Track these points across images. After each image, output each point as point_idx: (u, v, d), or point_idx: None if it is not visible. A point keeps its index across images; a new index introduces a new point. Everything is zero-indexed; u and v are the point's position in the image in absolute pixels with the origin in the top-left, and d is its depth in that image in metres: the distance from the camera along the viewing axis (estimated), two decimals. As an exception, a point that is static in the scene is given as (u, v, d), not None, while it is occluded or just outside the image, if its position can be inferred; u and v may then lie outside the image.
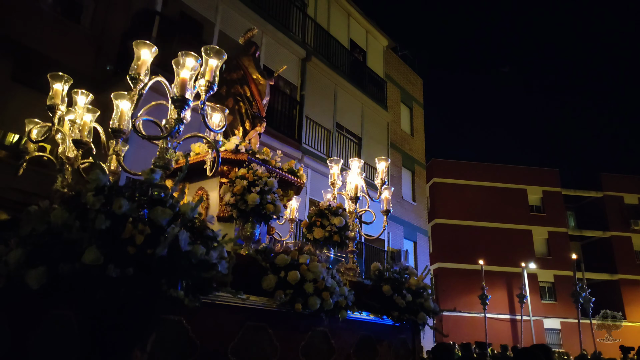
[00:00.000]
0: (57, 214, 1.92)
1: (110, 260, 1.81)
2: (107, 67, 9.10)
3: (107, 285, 1.82)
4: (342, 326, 3.16)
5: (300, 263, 2.91)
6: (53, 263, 1.86)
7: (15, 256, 1.94)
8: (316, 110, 12.52)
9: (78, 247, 1.83)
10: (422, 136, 20.43)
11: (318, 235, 3.91)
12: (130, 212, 1.94)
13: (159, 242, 1.89)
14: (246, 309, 2.61)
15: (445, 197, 30.81)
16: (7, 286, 2.06)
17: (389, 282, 3.77)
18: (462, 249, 28.75)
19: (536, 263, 28.57)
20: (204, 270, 2.05)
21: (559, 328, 28.36)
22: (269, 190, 3.46)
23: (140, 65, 2.92)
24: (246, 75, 4.36)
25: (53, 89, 3.41)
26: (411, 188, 18.67)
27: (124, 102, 3.05)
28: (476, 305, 27.92)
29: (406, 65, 20.31)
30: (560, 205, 31.66)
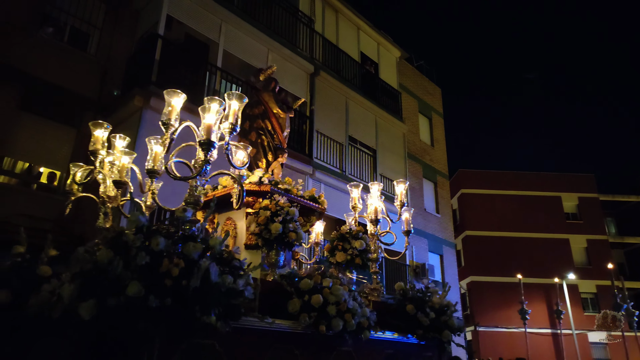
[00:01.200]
0: (102, 255, 2.17)
1: (150, 292, 2.06)
2: (115, 92, 9.28)
3: (148, 314, 2.06)
4: (367, 346, 3.26)
5: (323, 286, 3.05)
6: (101, 296, 2.10)
7: (69, 291, 2.21)
8: (327, 124, 12.39)
9: (122, 281, 2.09)
10: (443, 146, 19.96)
11: (340, 258, 4.13)
12: (166, 248, 2.20)
13: (192, 274, 2.14)
14: (273, 332, 2.74)
15: (475, 208, 29.91)
16: (63, 315, 2.35)
17: (413, 301, 3.82)
18: (496, 261, 27.71)
19: (576, 273, 27.19)
20: (233, 297, 2.30)
21: (605, 342, 26.67)
22: (290, 219, 3.66)
23: (171, 112, 3.24)
24: (267, 110, 4.69)
25: (94, 136, 3.74)
26: (434, 200, 18.16)
27: (156, 145, 3.36)
28: (514, 320, 26.71)
29: (423, 76, 20.04)
30: (598, 212, 30.18)
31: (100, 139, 3.68)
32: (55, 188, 8.29)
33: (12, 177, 8.12)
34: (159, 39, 8.86)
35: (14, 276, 2.94)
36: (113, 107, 8.87)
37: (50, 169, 8.39)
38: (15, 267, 3.02)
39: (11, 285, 2.88)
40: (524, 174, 31.48)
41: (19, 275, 2.97)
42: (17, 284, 2.91)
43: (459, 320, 3.98)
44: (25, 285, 2.90)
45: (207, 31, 10.08)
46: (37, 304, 2.68)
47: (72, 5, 9.13)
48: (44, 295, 2.65)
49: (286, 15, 12.07)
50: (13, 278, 2.92)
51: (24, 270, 3.01)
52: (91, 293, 2.13)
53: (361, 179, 12.90)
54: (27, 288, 2.86)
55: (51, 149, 8.37)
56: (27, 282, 2.92)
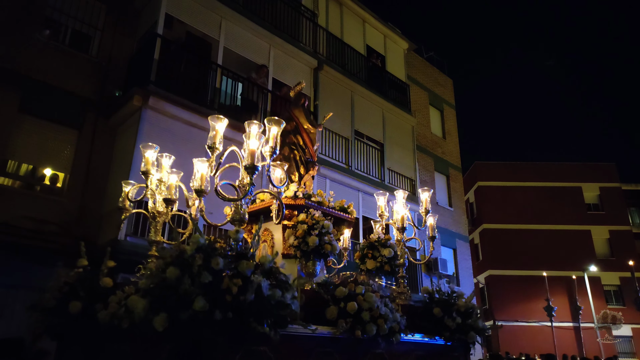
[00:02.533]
0: (171, 272, 2.44)
1: (213, 306, 2.36)
2: (116, 93, 9.33)
3: (212, 325, 2.38)
4: (398, 348, 3.52)
5: (356, 294, 3.30)
6: (171, 310, 2.39)
7: (141, 305, 2.50)
8: (332, 119, 12.21)
9: (188, 296, 2.37)
10: (456, 138, 19.60)
11: (370, 266, 4.36)
12: (225, 267, 2.49)
13: (247, 290, 2.44)
14: (315, 337, 3.03)
15: (493, 201, 29.35)
16: (131, 327, 2.69)
17: (439, 304, 4.04)
18: (515, 254, 27.16)
19: (598, 265, 26.48)
20: (281, 309, 2.59)
21: (630, 335, 25.93)
22: (326, 232, 3.90)
23: (215, 136, 3.53)
24: (298, 125, 4.91)
25: (145, 157, 4.07)
26: (446, 193, 17.86)
27: (203, 166, 3.64)
28: (534, 314, 26.18)
29: (433, 67, 19.69)
30: (621, 202, 29.31)
31: (149, 160, 4.01)
32: (59, 190, 8.37)
33: (15, 179, 8.22)
34: (158, 39, 8.86)
35: (81, 288, 3.31)
36: (114, 107, 8.92)
37: (54, 171, 8.47)
38: (81, 279, 3.37)
39: (79, 296, 3.25)
40: (542, 164, 30.76)
41: (85, 287, 3.34)
42: (84, 294, 3.28)
43: (483, 323, 4.22)
44: (90, 296, 3.27)
45: (206, 29, 10.05)
46: (108, 315, 2.99)
47: (73, 8, 9.19)
48: (112, 307, 2.99)
49: (288, 10, 11.95)
50: (80, 290, 3.30)
51: (88, 282, 3.37)
52: (161, 307, 2.43)
53: (368, 173, 12.74)
54: (93, 298, 3.24)
55: (54, 150, 8.45)
56: (92, 293, 3.29)
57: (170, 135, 8.68)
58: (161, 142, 8.40)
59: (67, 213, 8.08)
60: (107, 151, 8.83)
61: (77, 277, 3.41)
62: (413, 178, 14.50)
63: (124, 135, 8.78)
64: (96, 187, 8.53)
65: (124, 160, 8.25)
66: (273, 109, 10.81)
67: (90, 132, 8.77)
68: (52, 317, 3.36)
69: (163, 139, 8.55)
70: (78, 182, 8.41)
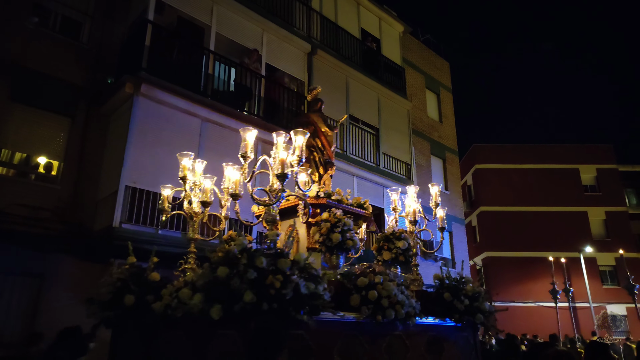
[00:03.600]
0: (222, 271, 2.90)
1: (261, 299, 2.79)
2: (108, 80, 9.29)
3: (259, 314, 2.81)
4: (414, 329, 3.93)
5: (376, 283, 3.67)
6: (225, 302, 2.83)
7: (198, 298, 2.96)
8: (327, 104, 12.02)
9: (238, 291, 2.81)
10: (452, 122, 19.57)
11: (386, 257, 4.73)
12: (267, 265, 2.90)
13: (287, 284, 2.87)
14: (343, 322, 3.46)
15: (490, 183, 29.42)
16: (184, 315, 3.13)
17: (449, 290, 4.41)
18: (512, 236, 27.32)
19: (594, 246, 26.68)
20: (315, 299, 3.04)
21: (624, 314, 26.29)
22: (347, 230, 4.26)
23: (247, 145, 3.93)
24: (317, 129, 5.25)
25: (181, 164, 4.50)
26: (443, 176, 17.91)
27: (234, 173, 4.16)
28: (531, 294, 26.48)
29: (430, 50, 19.55)
30: (617, 183, 29.41)
31: (186, 167, 4.47)
32: (54, 178, 8.40)
33: (9, 167, 8.24)
34: (149, 25, 8.78)
35: (132, 282, 3.73)
36: (106, 95, 8.89)
37: (48, 159, 8.49)
38: (132, 275, 3.78)
39: (131, 290, 3.68)
40: (539, 146, 30.76)
41: (135, 282, 3.75)
42: (135, 288, 3.71)
43: (489, 305, 4.60)
44: (141, 289, 3.70)
45: (198, 14, 9.95)
46: (162, 305, 3.43)
47: (62, -6, 9.09)
48: (166, 299, 3.42)
49: (281, -6, 11.82)
50: (132, 284, 3.72)
51: (138, 277, 3.78)
52: (215, 299, 2.87)
53: (363, 158, 12.76)
54: (144, 291, 3.68)
55: (46, 139, 8.46)
56: (142, 286, 3.72)
57: (163, 123, 8.68)
58: (154, 130, 8.50)
59: (61, 200, 8.13)
60: (100, 138, 8.84)
61: (128, 273, 3.81)
62: (409, 162, 14.52)
63: (117, 123, 8.78)
64: (90, 175, 8.56)
65: (118, 148, 8.26)
66: (267, 94, 10.78)
67: (83, 120, 8.76)
68: (109, 309, 3.76)
69: (156, 126, 8.57)
70: (72, 170, 8.44)
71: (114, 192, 7.86)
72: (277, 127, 10.47)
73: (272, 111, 10.69)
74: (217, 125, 9.45)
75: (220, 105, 9.51)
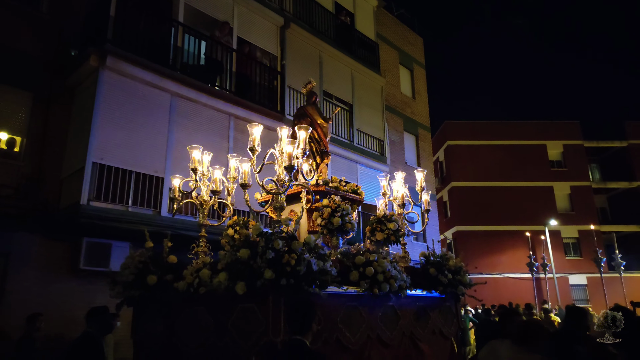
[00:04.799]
0: (243, 252, 3.39)
1: (279, 275, 3.27)
2: (72, 52, 8.91)
3: (278, 288, 3.30)
4: (405, 301, 4.48)
5: (371, 261, 4.12)
6: (248, 279, 3.33)
7: (223, 276, 3.44)
8: (300, 80, 12.02)
9: (259, 269, 3.29)
10: (425, 98, 19.69)
11: (379, 237, 5.13)
12: (283, 247, 3.36)
13: (300, 262, 3.34)
14: (346, 295, 3.91)
15: (461, 159, 29.97)
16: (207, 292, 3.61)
17: (434, 265, 4.90)
18: (481, 210, 28.04)
19: (559, 219, 27.70)
20: (324, 275, 3.51)
21: (585, 284, 27.63)
22: (346, 214, 4.66)
23: (254, 139, 4.26)
24: (313, 121, 5.65)
25: (192, 157, 4.86)
26: (415, 153, 18.12)
27: (245, 164, 4.46)
28: (497, 266, 27.43)
29: (404, 25, 19.45)
30: (583, 158, 30.41)
31: (195, 160, 4.85)
32: (16, 154, 8.09)
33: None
34: (113, -6, 8.40)
35: (152, 264, 4.17)
36: (70, 68, 8.54)
37: (10, 135, 8.16)
38: (152, 257, 4.23)
39: (151, 271, 4.12)
40: (509, 123, 31.37)
41: (155, 264, 4.20)
42: (154, 269, 4.13)
43: (469, 278, 5.22)
44: (161, 270, 4.13)
45: (166, -16, 9.57)
46: (185, 284, 3.82)
47: (19, -40, 8.57)
48: (189, 278, 3.83)
49: (252, -36, 11.46)
50: (152, 266, 4.16)
51: (156, 259, 4.23)
52: (238, 277, 3.36)
53: (337, 134, 12.74)
54: (163, 272, 4.12)
55: (7, 114, 8.10)
56: (161, 268, 4.16)
57: (132, 97, 8.43)
58: (122, 104, 8.26)
59: (25, 177, 7.86)
60: (64, 113, 8.52)
61: (148, 256, 4.25)
62: (382, 139, 14.60)
63: (82, 97, 8.47)
64: (54, 151, 8.29)
65: (84, 123, 8.00)
66: (239, 69, 10.56)
67: (46, 94, 8.41)
68: (132, 288, 4.20)
69: (124, 100, 8.32)
70: (35, 146, 8.14)
71: (80, 168, 7.65)
72: (249, 103, 10.34)
73: (244, 86, 10.50)
74: (187, 100, 9.25)
75: (191, 79, 9.28)
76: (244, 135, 10.22)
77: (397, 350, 4.27)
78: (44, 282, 7.63)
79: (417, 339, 4.55)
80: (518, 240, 27.87)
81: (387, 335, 4.20)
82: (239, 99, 10.09)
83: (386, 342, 4.17)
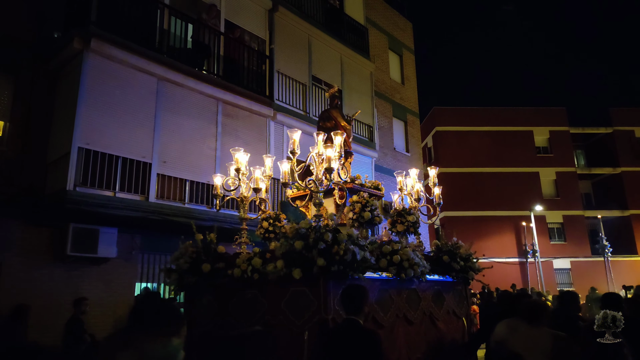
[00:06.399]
0: (298, 244, 3.90)
1: (330, 263, 3.82)
2: (55, 34, 8.69)
3: (329, 274, 3.85)
4: (424, 285, 5.08)
5: (396, 250, 4.63)
6: (303, 266, 3.88)
7: (280, 264, 4.01)
8: (289, 64, 11.96)
9: (311, 258, 3.83)
10: (414, 84, 19.66)
11: (400, 229, 5.53)
12: (332, 239, 3.89)
13: (347, 252, 3.86)
14: (379, 279, 4.49)
15: (450, 145, 30.13)
16: (260, 277, 4.23)
17: (447, 253, 5.48)
18: (468, 196, 28.29)
19: (544, 205, 28.12)
20: (365, 262, 4.06)
21: (569, 267, 28.20)
22: (374, 209, 5.14)
23: (294, 143, 4.74)
24: (337, 123, 6.11)
25: (234, 158, 5.35)
26: (404, 138, 18.15)
27: (284, 165, 4.96)
28: (484, 251, 27.67)
29: (393, 10, 19.30)
30: (568, 145, 30.79)
31: (238, 161, 5.32)
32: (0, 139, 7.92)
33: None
34: (97, -26, 8.17)
35: (204, 254, 4.68)
36: (53, 50, 8.34)
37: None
38: (204, 247, 4.74)
39: (203, 260, 4.65)
40: (497, 109, 31.54)
41: (207, 253, 4.71)
42: (206, 259, 4.67)
43: (477, 265, 5.79)
44: (213, 259, 4.67)
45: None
46: (239, 271, 4.38)
47: (-3, -63, 8.28)
48: (243, 265, 4.37)
49: (240, -54, 11.22)
50: (203, 255, 4.67)
51: (208, 249, 4.74)
52: (292, 265, 3.91)
53: (326, 119, 12.68)
54: (215, 260, 4.66)
55: (-11, 98, 7.91)
56: (212, 257, 4.69)
57: (117, 81, 8.28)
58: (107, 88, 8.10)
59: (9, 162, 7.71)
60: (49, 97, 8.34)
61: (200, 246, 4.74)
62: (371, 124, 14.58)
63: (66, 81, 8.29)
64: (39, 136, 8.13)
65: (69, 107, 7.84)
66: (227, 53, 10.41)
67: (29, 77, 8.22)
68: (188, 276, 4.70)
69: (108, 84, 8.17)
70: (19, 131, 7.97)
71: (66, 153, 7.52)
72: (237, 87, 10.22)
73: (232, 70, 10.36)
74: (174, 84, 9.10)
75: (178, 63, 9.13)
76: (232, 120, 10.13)
77: (419, 328, 4.88)
78: (29, 268, 7.54)
79: (435, 318, 5.15)
80: (504, 226, 28.28)
81: (411, 314, 4.81)
82: (226, 83, 9.97)
83: (411, 320, 4.77)
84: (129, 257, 8.62)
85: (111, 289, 8.21)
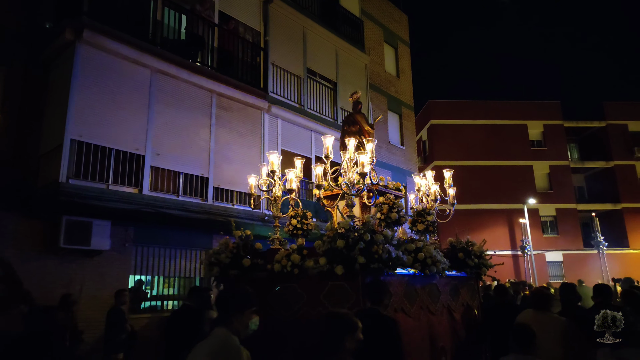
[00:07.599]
0: (340, 243, 4.32)
1: (369, 261, 4.26)
2: (46, 25, 8.59)
3: (368, 271, 4.30)
4: (444, 280, 5.58)
5: (420, 247, 5.01)
6: (345, 263, 4.29)
7: (323, 261, 4.39)
8: (284, 57, 11.89)
9: (352, 256, 4.26)
10: (410, 77, 19.63)
11: (420, 228, 5.97)
12: (371, 239, 4.33)
13: (384, 251, 4.32)
14: (407, 275, 4.97)
15: (444, 138, 30.18)
16: (299, 272, 4.69)
17: (462, 251, 5.93)
18: (462, 189, 28.20)
19: (537, 198, 28.29)
20: (399, 260, 4.53)
21: (561, 260, 28.45)
22: (400, 210, 5.48)
23: (327, 149, 5.28)
24: (361, 127, 6.56)
25: (269, 160, 5.88)
26: (399, 132, 18.15)
27: (318, 168, 5.63)
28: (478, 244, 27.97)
29: (389, 2, 19.22)
30: (562, 138, 30.92)
31: (273, 162, 5.83)
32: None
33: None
34: (89, -37, 8.06)
35: (243, 250, 5.18)
36: (45, 41, 8.24)
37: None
38: (244, 243, 5.21)
39: (242, 255, 5.13)
40: (491, 103, 31.58)
41: (246, 249, 5.19)
42: (245, 254, 5.14)
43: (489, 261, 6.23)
44: (252, 255, 5.17)
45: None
46: (279, 266, 4.81)
47: None
48: (283, 261, 4.80)
49: (234, -64, 11.10)
50: (242, 251, 5.17)
51: (246, 246, 5.22)
52: (334, 261, 4.32)
53: (321, 113, 12.67)
54: (254, 256, 5.16)
55: (-20, 89, 7.81)
56: (251, 253, 5.20)
57: (109, 72, 8.20)
58: (100, 80, 8.04)
59: (1, 154, 7.64)
60: (41, 89, 8.26)
61: (240, 242, 5.19)
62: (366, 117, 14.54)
63: (58, 72, 8.20)
64: (31, 128, 8.06)
65: (61, 99, 7.76)
66: (221, 44, 10.34)
67: (21, 68, 8.12)
68: (229, 269, 5.14)
69: (101, 76, 8.09)
70: (10, 122, 7.89)
71: (58, 145, 7.46)
72: (231, 79, 10.15)
73: (226, 62, 10.30)
74: (168, 76, 9.03)
75: (171, 54, 9.05)
76: (226, 112, 10.09)
77: (440, 318, 5.35)
78: (22, 261, 7.50)
79: (452, 310, 5.66)
80: (498, 219, 28.44)
81: (432, 306, 5.27)
82: (221, 75, 9.90)
83: (432, 312, 5.24)
84: (122, 250, 8.59)
85: (104, 281, 8.19)
